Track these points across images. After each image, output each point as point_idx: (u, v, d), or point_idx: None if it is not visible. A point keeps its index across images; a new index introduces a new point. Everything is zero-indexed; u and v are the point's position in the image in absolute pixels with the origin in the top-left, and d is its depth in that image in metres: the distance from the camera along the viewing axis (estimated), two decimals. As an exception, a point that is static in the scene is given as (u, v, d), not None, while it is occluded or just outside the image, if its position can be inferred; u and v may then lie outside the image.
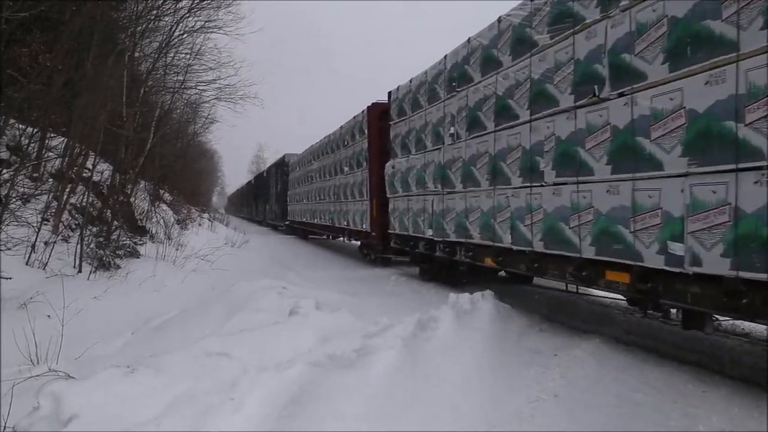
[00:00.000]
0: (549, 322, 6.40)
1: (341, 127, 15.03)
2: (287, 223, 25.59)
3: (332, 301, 6.76)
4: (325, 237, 20.77)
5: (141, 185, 15.07)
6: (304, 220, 20.86)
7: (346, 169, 14.31)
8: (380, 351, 4.29)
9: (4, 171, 7.74)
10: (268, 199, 32.82)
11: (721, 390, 4.09)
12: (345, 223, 14.51)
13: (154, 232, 12.82)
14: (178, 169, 23.20)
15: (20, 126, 9.18)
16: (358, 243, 14.97)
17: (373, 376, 3.88)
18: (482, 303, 6.19)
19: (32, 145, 9.21)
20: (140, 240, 11.12)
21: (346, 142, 14.35)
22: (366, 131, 12.54)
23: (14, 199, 7.61)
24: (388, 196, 10.89)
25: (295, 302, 5.84)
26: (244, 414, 3.26)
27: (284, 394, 3.54)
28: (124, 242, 10.15)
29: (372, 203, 12.08)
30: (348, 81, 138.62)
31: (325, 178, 16.89)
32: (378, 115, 12.10)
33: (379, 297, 8.45)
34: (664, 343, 5.50)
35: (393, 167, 10.62)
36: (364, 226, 12.68)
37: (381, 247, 12.03)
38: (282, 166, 27.43)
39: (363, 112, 12.89)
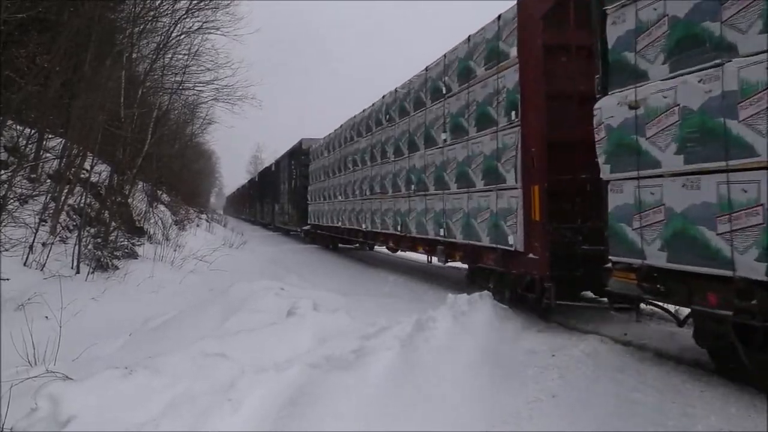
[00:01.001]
0: (546, 322, 6.41)
1: (427, 69, 9.08)
2: (307, 227, 19.92)
3: (330, 302, 6.76)
4: (355, 246, 16.42)
5: (139, 186, 15.09)
6: (339, 224, 15.04)
7: (442, 137, 8.35)
8: (378, 352, 4.29)
9: (2, 172, 7.74)
10: (277, 198, 26.70)
11: (719, 389, 4.10)
12: (440, 233, 8.36)
13: (152, 232, 12.83)
14: (176, 170, 23.22)
15: (18, 127, 9.19)
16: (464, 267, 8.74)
17: (372, 376, 3.89)
18: (480, 304, 6.18)
19: (30, 146, 9.22)
20: (138, 241, 11.12)
21: (444, 90, 8.36)
22: (514, 53, 6.49)
23: (12, 200, 7.61)
24: (609, 176, 4.79)
25: (293, 303, 5.85)
26: (242, 415, 3.27)
27: (282, 394, 3.55)
28: (122, 243, 10.15)
29: (532, 194, 6.23)
30: (347, 81, 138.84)
31: (385, 160, 11.09)
32: (544, 16, 6.21)
33: (377, 298, 8.43)
34: (661, 342, 5.51)
35: (630, 106, 4.47)
36: (510, 241, 6.50)
37: (549, 282, 5.98)
38: (298, 155, 21.43)
39: (499, 18, 6.82)
